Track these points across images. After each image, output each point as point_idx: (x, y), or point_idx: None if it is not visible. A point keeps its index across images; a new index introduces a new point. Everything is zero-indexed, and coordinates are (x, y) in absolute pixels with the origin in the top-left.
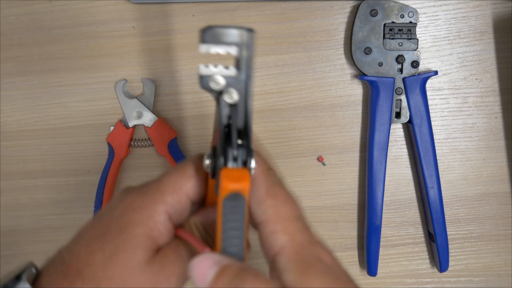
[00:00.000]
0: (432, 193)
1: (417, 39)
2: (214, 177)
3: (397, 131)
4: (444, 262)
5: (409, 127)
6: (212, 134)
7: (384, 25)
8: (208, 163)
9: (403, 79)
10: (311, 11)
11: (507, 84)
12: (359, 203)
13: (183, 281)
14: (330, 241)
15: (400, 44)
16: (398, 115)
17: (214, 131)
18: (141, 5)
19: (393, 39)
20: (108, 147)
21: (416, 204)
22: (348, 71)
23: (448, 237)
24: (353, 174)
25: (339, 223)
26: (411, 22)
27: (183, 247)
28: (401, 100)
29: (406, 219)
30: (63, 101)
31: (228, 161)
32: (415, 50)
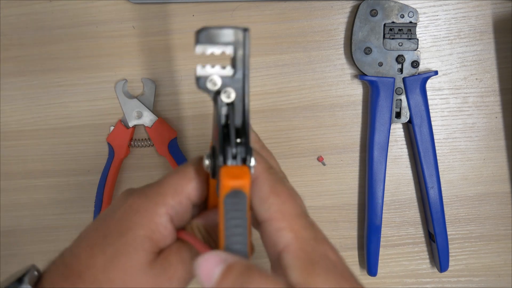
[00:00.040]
0: (432, 193)
1: (417, 39)
2: (215, 177)
3: (397, 131)
4: (444, 262)
5: (409, 127)
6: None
7: (384, 25)
8: (208, 163)
9: (403, 79)
10: (311, 11)
11: (507, 84)
12: (359, 203)
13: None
14: (330, 241)
15: (400, 44)
16: (398, 115)
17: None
18: (141, 5)
19: (393, 39)
20: (108, 147)
21: (416, 204)
22: (348, 71)
23: (448, 237)
24: (353, 174)
25: (339, 223)
26: (411, 22)
27: (185, 249)
28: (401, 100)
29: (406, 219)
30: (63, 101)
31: (227, 159)
32: (415, 50)
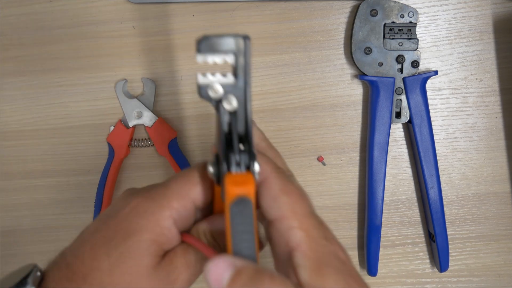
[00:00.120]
0: (432, 193)
1: (417, 39)
2: (219, 184)
3: (397, 131)
4: (444, 262)
5: (409, 127)
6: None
7: (384, 25)
8: (212, 171)
9: (403, 79)
10: (311, 11)
11: (507, 84)
12: (359, 203)
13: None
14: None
15: (400, 44)
16: (398, 115)
17: (215, 139)
18: (141, 5)
19: (393, 39)
20: (108, 147)
21: (416, 204)
22: (348, 71)
23: (448, 237)
24: (353, 174)
25: (339, 223)
26: (411, 22)
27: (189, 252)
28: (401, 100)
29: (406, 219)
30: (63, 101)
31: (231, 166)
32: (415, 50)
